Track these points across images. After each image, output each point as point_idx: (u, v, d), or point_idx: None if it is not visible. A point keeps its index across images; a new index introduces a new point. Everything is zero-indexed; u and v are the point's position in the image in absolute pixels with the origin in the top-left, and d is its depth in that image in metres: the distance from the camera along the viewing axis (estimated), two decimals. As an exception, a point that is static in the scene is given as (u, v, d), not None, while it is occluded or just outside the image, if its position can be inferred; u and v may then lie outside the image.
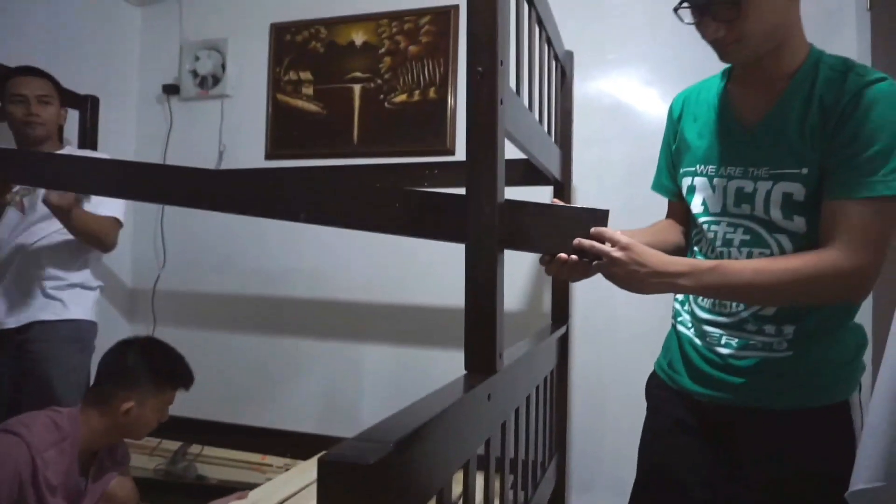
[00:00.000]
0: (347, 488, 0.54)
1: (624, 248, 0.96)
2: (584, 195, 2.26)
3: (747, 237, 1.07)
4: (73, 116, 2.44)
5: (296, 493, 1.81)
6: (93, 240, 1.85)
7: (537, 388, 1.45)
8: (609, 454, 2.24)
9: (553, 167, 1.68)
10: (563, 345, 1.86)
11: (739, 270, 0.97)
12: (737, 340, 1.08)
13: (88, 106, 2.45)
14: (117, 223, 1.93)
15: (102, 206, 1.86)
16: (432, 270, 2.56)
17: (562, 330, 1.78)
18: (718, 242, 1.10)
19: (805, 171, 0.99)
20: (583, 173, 2.22)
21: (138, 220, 2.96)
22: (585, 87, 2.30)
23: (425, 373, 2.59)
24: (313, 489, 1.75)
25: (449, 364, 2.54)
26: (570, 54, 2.00)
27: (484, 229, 0.96)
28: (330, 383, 2.72)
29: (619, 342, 2.20)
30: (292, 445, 2.44)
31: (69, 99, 2.38)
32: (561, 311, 1.88)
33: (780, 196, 1.01)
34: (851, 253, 0.93)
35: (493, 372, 0.97)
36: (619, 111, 2.33)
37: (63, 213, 1.71)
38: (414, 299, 2.61)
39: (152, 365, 1.54)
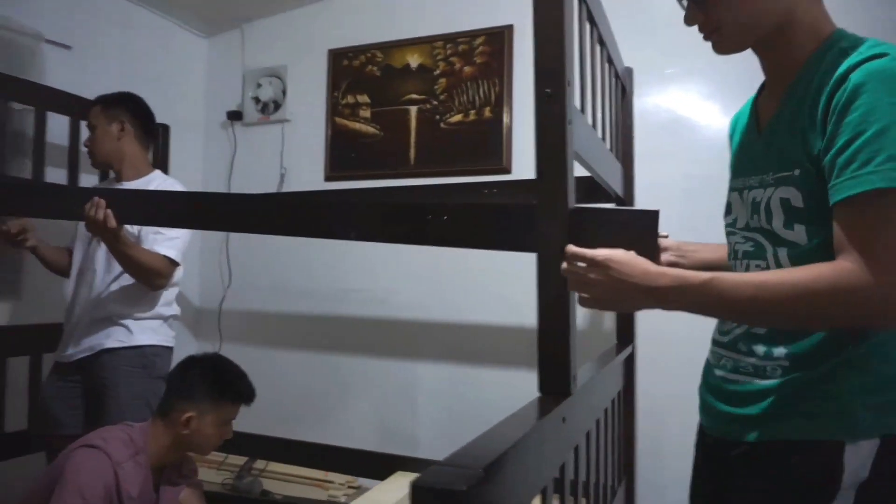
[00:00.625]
0: (441, 514, 0.54)
1: (600, 264, 0.86)
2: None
3: (751, 249, 0.96)
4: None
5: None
6: (140, 272, 1.79)
7: (605, 411, 1.42)
8: (673, 481, 2.16)
9: (615, 184, 1.66)
10: (630, 367, 1.83)
11: (737, 285, 0.83)
12: (732, 362, 0.97)
13: (160, 134, 2.57)
14: (170, 263, 1.86)
15: (157, 245, 1.83)
16: (485, 289, 2.56)
17: (627, 351, 1.74)
18: (732, 256, 1.02)
19: (797, 172, 0.87)
20: (640, 189, 2.19)
21: (205, 242, 3.07)
22: (643, 103, 2.27)
23: (479, 393, 2.58)
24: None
25: (503, 384, 2.54)
26: (629, 71, 1.99)
27: (555, 248, 0.95)
28: (385, 402, 2.74)
29: (684, 364, 2.13)
30: (353, 462, 2.46)
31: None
32: (626, 331, 1.85)
33: (778, 202, 0.90)
34: (866, 264, 0.76)
35: (568, 394, 0.96)
36: (677, 126, 2.29)
37: (99, 228, 1.65)
38: (467, 318, 2.61)
39: (213, 379, 1.58)
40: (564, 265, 0.91)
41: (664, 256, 1.19)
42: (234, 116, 3.03)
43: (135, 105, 2.06)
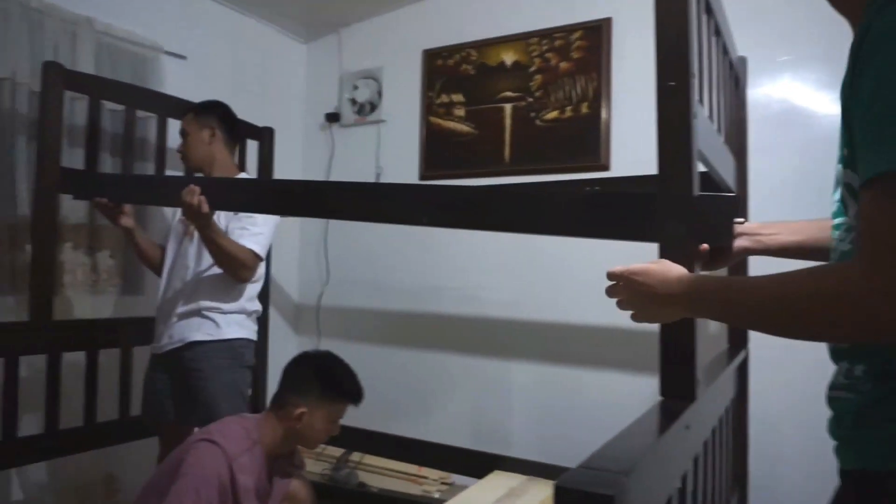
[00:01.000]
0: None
1: (622, 278, 0.89)
2: (756, 206, 2.10)
3: (844, 245, 0.79)
4: (252, 147, 2.69)
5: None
6: (227, 260, 1.86)
7: (720, 419, 1.35)
8: (788, 491, 2.04)
9: (729, 178, 1.58)
10: (743, 373, 1.73)
11: (750, 289, 0.73)
12: (833, 376, 0.81)
13: (266, 137, 2.69)
14: (255, 256, 1.92)
15: (243, 238, 1.89)
16: (582, 288, 2.51)
17: (741, 356, 1.65)
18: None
19: (846, 151, 0.71)
20: (751, 182, 2.07)
21: (304, 240, 3.19)
22: (754, 94, 2.14)
23: (575, 393, 2.54)
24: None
25: (600, 385, 2.48)
26: (743, 60, 1.88)
27: (680, 246, 0.92)
28: (479, 399, 2.74)
29: (799, 369, 2.01)
30: (447, 459, 2.45)
31: (249, 131, 2.64)
32: (739, 335, 1.75)
33: (844, 189, 0.75)
34: (867, 263, 0.61)
35: (693, 399, 0.92)
36: (790, 117, 2.15)
37: (194, 212, 1.72)
38: (562, 317, 2.57)
39: (326, 378, 1.63)
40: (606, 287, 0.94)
41: (738, 242, 1.09)
42: (332, 118, 3.12)
43: (223, 111, 2.15)
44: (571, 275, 2.52)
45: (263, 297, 2.69)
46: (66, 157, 2.17)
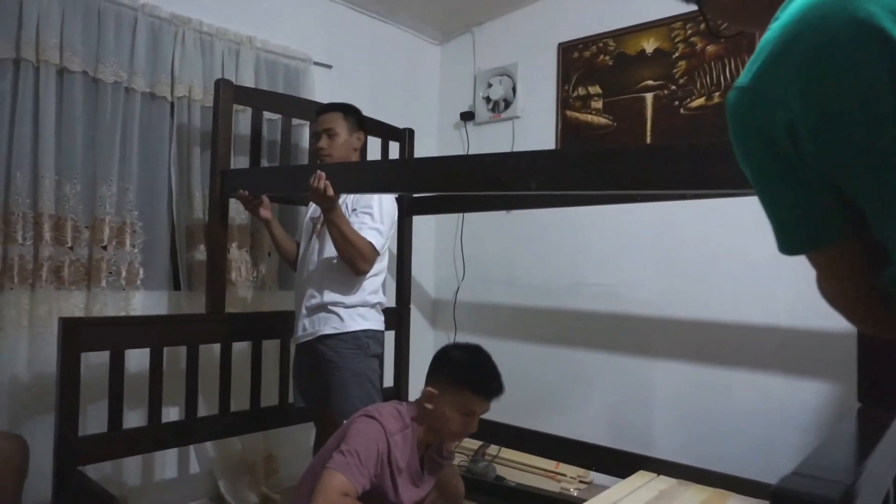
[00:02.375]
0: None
1: None
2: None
3: None
4: (393, 148, 2.81)
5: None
6: (348, 249, 1.92)
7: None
8: None
9: None
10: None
11: None
12: None
13: (406, 137, 2.79)
14: (373, 249, 1.96)
15: (362, 231, 1.96)
16: (734, 284, 2.37)
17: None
18: None
19: None
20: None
21: (439, 239, 3.28)
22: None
23: (725, 395, 2.40)
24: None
25: (754, 388, 2.32)
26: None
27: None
28: (618, 398, 2.67)
29: None
30: (587, 456, 2.39)
31: (390, 133, 2.75)
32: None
33: None
34: None
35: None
36: None
37: (320, 196, 1.80)
38: (710, 315, 2.44)
39: (461, 364, 1.62)
40: None
41: None
42: (467, 117, 3.18)
43: (362, 115, 2.21)
44: (720, 271, 2.38)
45: (403, 293, 2.81)
46: (232, 164, 2.38)
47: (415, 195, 2.83)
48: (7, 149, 2.00)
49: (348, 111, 2.17)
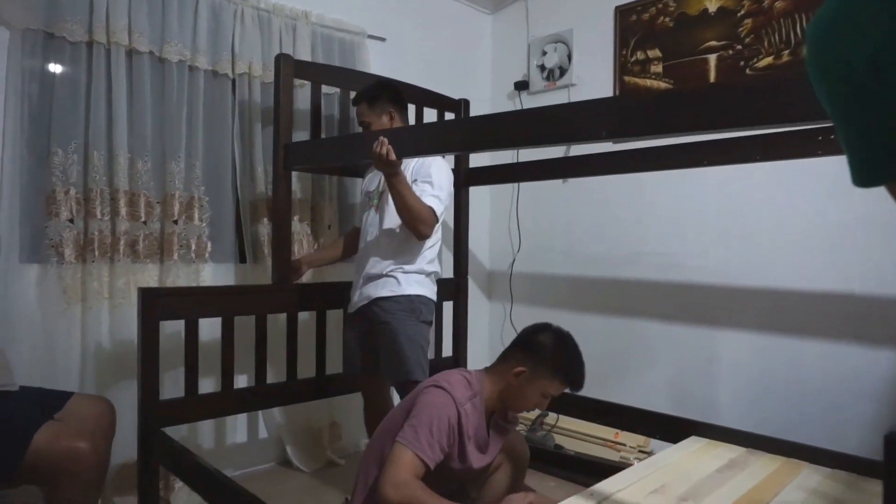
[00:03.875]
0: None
1: None
2: None
3: None
4: (449, 119, 2.80)
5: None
6: (410, 213, 1.94)
7: None
8: None
9: None
10: None
11: None
12: None
13: (461, 109, 2.78)
14: (433, 213, 1.99)
15: (423, 196, 1.98)
16: (796, 252, 2.29)
17: None
18: None
19: None
20: None
21: (495, 211, 3.27)
22: None
23: (792, 364, 2.34)
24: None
25: (820, 357, 2.25)
26: None
27: None
28: (681, 366, 2.64)
29: None
30: (644, 424, 2.36)
31: (445, 103, 2.74)
32: None
33: None
34: None
35: None
36: None
37: (383, 161, 1.82)
38: (777, 283, 2.36)
39: (560, 353, 1.63)
40: None
41: None
42: (521, 86, 3.14)
43: (392, 91, 2.22)
44: (788, 238, 2.31)
45: (461, 264, 2.83)
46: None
47: (471, 167, 2.83)
48: (84, 129, 2.10)
49: (372, 98, 2.18)
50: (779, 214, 2.35)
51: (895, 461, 0.50)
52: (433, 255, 2.19)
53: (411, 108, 2.52)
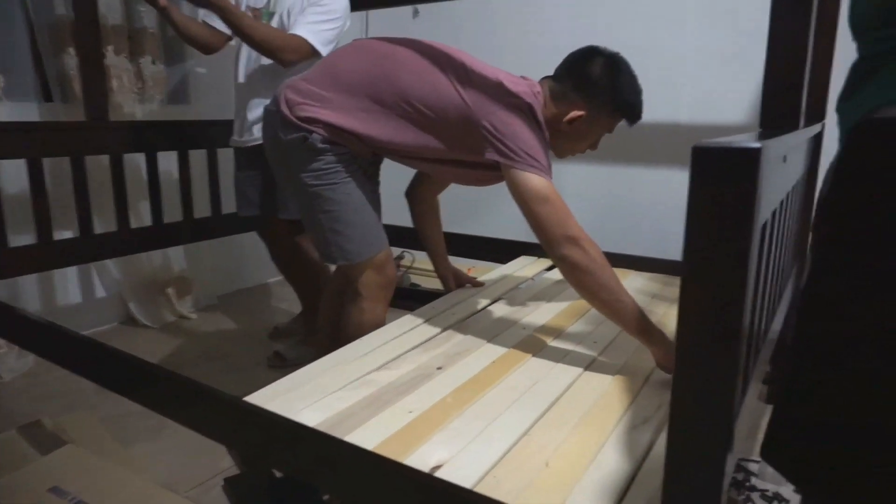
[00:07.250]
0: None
1: None
2: None
3: None
4: None
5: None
6: (259, 46, 1.73)
7: (787, 194, 1.33)
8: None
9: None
10: (817, 145, 1.68)
11: None
12: None
13: None
14: (304, 43, 1.76)
15: (297, 27, 1.78)
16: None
17: (816, 128, 1.58)
18: None
19: None
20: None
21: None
22: None
23: (627, 190, 2.55)
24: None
25: (654, 183, 2.48)
26: None
27: None
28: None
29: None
30: (496, 251, 2.31)
31: None
32: (818, 108, 1.67)
33: None
34: None
35: (795, 128, 0.88)
36: None
37: (213, 5, 1.65)
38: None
39: (619, 86, 1.30)
40: None
41: None
42: None
43: None
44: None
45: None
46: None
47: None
48: None
49: None
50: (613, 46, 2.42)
51: (697, 169, 0.52)
52: None
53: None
